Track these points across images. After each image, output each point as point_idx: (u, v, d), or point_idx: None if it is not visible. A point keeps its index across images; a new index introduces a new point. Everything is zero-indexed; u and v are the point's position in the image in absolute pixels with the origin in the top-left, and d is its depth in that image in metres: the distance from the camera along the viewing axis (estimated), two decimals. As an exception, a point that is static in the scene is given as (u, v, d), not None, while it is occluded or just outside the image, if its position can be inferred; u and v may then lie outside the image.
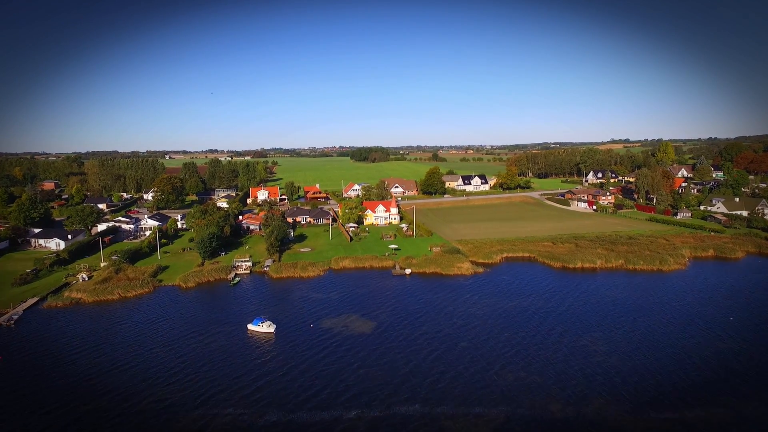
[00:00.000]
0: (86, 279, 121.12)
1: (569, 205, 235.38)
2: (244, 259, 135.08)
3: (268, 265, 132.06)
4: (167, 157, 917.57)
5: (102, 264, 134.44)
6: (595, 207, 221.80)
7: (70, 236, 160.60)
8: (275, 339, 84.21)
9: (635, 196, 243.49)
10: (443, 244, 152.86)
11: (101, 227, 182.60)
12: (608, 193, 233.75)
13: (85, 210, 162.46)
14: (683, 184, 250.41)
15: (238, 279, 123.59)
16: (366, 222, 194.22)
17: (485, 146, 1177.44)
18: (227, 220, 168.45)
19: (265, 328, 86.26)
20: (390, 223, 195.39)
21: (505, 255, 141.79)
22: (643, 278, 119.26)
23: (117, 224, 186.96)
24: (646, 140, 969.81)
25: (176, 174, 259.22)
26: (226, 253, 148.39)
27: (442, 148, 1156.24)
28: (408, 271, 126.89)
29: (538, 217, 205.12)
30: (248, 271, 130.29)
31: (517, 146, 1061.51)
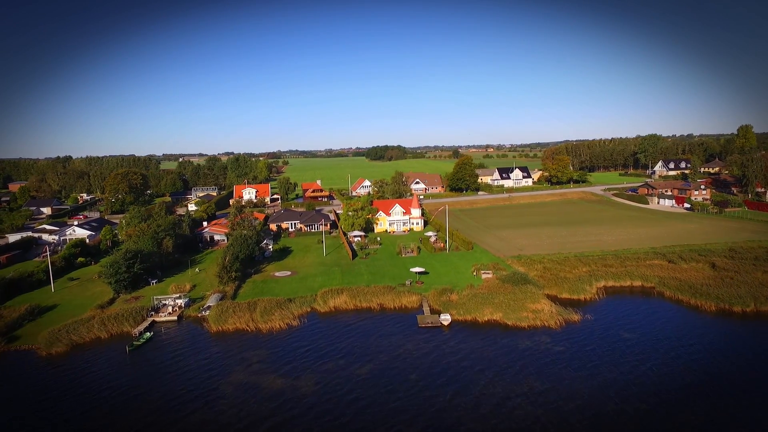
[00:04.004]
0: None
1: (647, 203, 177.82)
2: (171, 296, 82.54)
3: (209, 306, 78.91)
4: (180, 160, 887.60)
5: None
6: (688, 205, 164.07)
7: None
8: None
9: (733, 189, 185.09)
10: (495, 264, 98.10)
11: (12, 238, 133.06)
12: (702, 187, 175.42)
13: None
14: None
15: (148, 335, 70.59)
16: (377, 229, 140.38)
17: (505, 145, 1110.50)
18: (175, 228, 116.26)
19: None
20: (411, 229, 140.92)
21: (602, 284, 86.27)
22: None
23: (36, 235, 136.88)
24: (674, 135, 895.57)
25: (137, 170, 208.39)
26: (160, 280, 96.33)
27: (460, 147, 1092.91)
28: (446, 319, 72.41)
29: (614, 220, 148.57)
30: (175, 318, 77.58)
31: (538, 144, 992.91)
